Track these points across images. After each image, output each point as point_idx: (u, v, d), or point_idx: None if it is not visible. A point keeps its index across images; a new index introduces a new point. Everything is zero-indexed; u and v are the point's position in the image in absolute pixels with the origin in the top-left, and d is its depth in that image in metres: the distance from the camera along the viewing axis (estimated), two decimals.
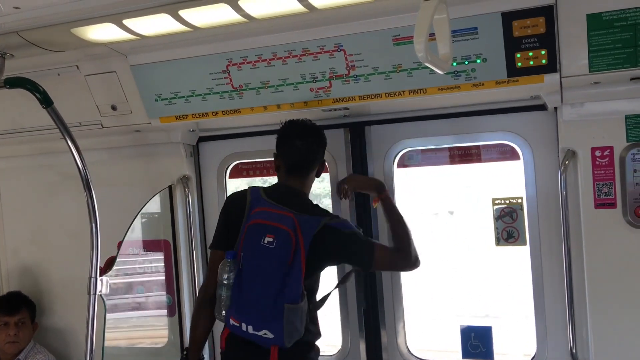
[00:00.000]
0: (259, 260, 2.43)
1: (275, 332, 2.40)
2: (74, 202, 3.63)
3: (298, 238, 2.41)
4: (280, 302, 2.39)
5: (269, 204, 2.54)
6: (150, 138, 3.52)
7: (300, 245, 2.41)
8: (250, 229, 2.47)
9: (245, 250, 2.47)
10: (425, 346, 3.70)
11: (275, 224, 2.43)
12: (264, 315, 2.41)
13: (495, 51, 2.60)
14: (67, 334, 3.86)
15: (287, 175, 2.71)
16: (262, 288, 2.41)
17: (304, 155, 2.68)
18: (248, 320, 2.44)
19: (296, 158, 2.68)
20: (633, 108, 2.65)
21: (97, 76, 3.23)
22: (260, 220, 2.47)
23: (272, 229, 2.42)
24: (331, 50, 2.80)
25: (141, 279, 3.76)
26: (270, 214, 2.48)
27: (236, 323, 2.47)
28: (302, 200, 2.64)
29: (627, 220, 2.69)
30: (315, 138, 2.73)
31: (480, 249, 8.43)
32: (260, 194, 2.59)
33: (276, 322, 2.39)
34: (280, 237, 2.41)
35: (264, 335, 2.42)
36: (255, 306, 2.42)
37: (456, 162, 3.40)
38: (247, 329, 2.44)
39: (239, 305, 2.45)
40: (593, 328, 2.78)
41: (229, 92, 3.07)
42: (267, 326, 2.41)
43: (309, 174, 2.71)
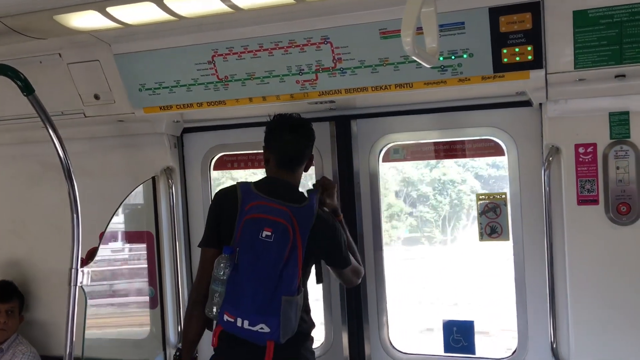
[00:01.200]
0: (257, 254, 2.42)
1: (272, 326, 2.40)
2: (55, 192, 3.59)
3: (295, 231, 2.43)
4: (278, 295, 2.40)
5: (262, 197, 2.53)
6: (133, 128, 3.48)
7: (298, 239, 2.43)
8: (247, 223, 2.46)
9: (242, 244, 2.46)
10: (408, 339, 3.71)
11: (273, 217, 2.43)
12: (262, 308, 2.41)
13: (482, 46, 2.60)
14: (49, 326, 3.82)
15: (277, 169, 2.69)
16: (260, 281, 2.41)
17: (294, 149, 2.67)
18: (244, 314, 2.43)
19: (286, 152, 2.67)
20: (617, 105, 2.68)
21: (80, 64, 3.19)
22: (258, 215, 2.46)
23: (270, 223, 2.43)
24: (318, 42, 2.78)
25: (123, 270, 3.72)
26: (266, 207, 2.47)
27: (231, 319, 2.45)
28: (293, 192, 2.63)
29: (609, 217, 2.72)
30: (305, 132, 2.72)
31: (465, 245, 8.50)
32: (251, 189, 2.58)
33: (273, 315, 2.40)
34: (279, 230, 2.41)
35: (260, 329, 2.41)
36: (253, 300, 2.41)
37: (441, 156, 3.42)
38: (242, 324, 2.43)
39: (235, 300, 2.44)
40: (573, 323, 2.81)
41: (214, 83, 3.04)
42: (263, 320, 2.41)
43: (298, 168, 2.71)
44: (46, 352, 3.73)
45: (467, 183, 7.65)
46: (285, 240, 2.41)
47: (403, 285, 8.46)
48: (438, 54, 2.11)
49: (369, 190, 3.33)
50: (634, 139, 2.67)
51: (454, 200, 8.38)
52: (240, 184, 2.63)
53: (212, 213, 2.68)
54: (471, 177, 7.49)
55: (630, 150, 2.68)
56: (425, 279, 8.95)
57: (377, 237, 3.34)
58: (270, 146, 2.72)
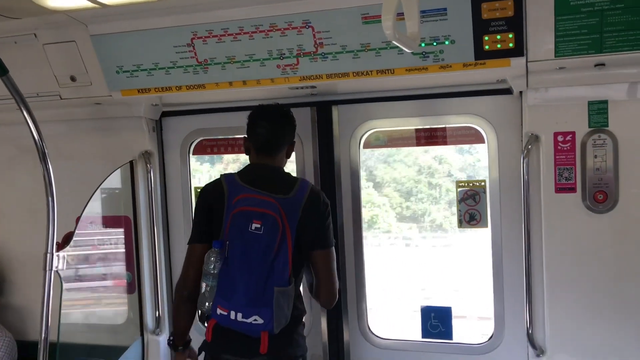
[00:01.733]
0: (247, 247, 2.42)
1: (265, 317, 2.41)
2: (30, 175, 3.54)
3: (284, 222, 2.43)
4: (270, 286, 2.41)
5: (249, 189, 2.52)
6: (111, 111, 3.43)
7: (287, 229, 2.43)
8: (235, 216, 2.46)
9: (231, 238, 2.45)
10: (389, 325, 3.73)
11: (261, 209, 2.43)
12: (254, 300, 2.41)
13: (464, 33, 2.60)
14: (24, 311, 3.78)
15: (256, 155, 2.70)
16: (252, 273, 2.41)
17: (270, 134, 2.66)
18: (237, 307, 2.43)
19: (263, 138, 2.66)
20: (596, 94, 2.70)
21: (55, 45, 3.12)
22: (246, 208, 2.46)
23: (259, 215, 2.42)
24: (299, 26, 2.75)
25: (100, 255, 3.68)
26: (254, 200, 2.47)
27: (224, 312, 2.45)
28: (278, 178, 2.62)
29: (586, 205, 2.75)
30: (281, 119, 2.71)
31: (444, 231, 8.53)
32: (236, 180, 2.57)
33: (266, 306, 2.41)
34: (268, 222, 2.41)
35: (254, 321, 2.42)
36: (245, 292, 2.42)
37: (422, 143, 3.42)
38: (235, 317, 2.43)
39: (227, 293, 2.45)
40: (549, 310, 2.84)
41: (193, 67, 3.00)
42: (257, 312, 2.41)
43: (277, 153, 2.69)
44: (22, 337, 3.69)
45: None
46: (275, 232, 2.41)
47: (384, 272, 8.54)
48: (419, 39, 2.10)
49: (349, 176, 3.32)
50: (612, 128, 2.70)
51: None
52: (225, 176, 2.62)
53: (199, 208, 2.66)
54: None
55: (608, 139, 2.70)
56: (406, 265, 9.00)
57: (357, 223, 3.34)
58: (249, 136, 2.72)
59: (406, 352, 3.31)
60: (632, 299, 2.74)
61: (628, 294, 2.74)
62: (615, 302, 2.75)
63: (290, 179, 2.63)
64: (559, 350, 2.85)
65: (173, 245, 3.68)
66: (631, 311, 2.74)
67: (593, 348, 2.80)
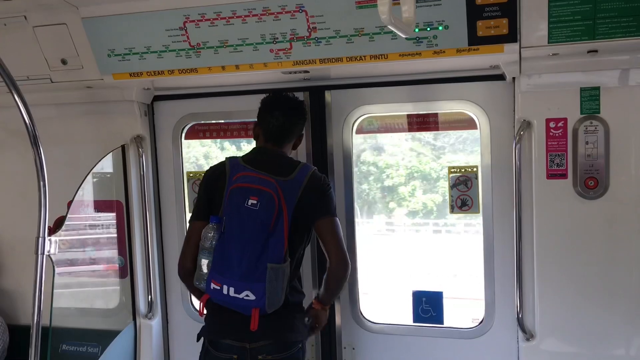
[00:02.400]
0: (242, 222, 2.44)
1: (257, 293, 2.43)
2: (21, 159, 3.51)
3: (280, 200, 2.45)
4: (263, 262, 2.43)
5: (249, 169, 2.55)
6: (102, 95, 3.40)
7: (283, 207, 2.45)
8: (233, 192, 2.48)
9: (228, 213, 2.48)
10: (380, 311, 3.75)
11: (258, 186, 2.46)
12: (247, 275, 2.43)
13: (458, 19, 2.59)
14: (16, 296, 3.77)
15: (264, 142, 2.74)
16: (246, 249, 2.43)
17: (281, 124, 2.69)
18: (230, 281, 2.45)
19: (274, 128, 2.70)
20: (588, 80, 2.71)
21: (46, 28, 3.08)
22: (243, 184, 2.49)
23: (256, 192, 2.45)
24: (292, 10, 2.74)
25: (92, 239, 3.67)
26: (253, 177, 2.50)
27: (217, 286, 2.47)
28: (281, 163, 2.64)
29: (577, 191, 2.77)
30: (295, 110, 2.75)
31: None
32: (239, 162, 2.61)
33: (259, 282, 2.42)
34: (264, 199, 2.44)
35: (245, 297, 2.43)
36: (238, 267, 2.44)
37: (414, 129, 3.42)
38: (228, 292, 2.45)
39: (221, 267, 2.47)
40: (539, 295, 2.87)
41: (185, 50, 2.98)
42: (249, 287, 2.43)
43: (284, 144, 2.73)
44: (14, 322, 3.69)
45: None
46: (271, 209, 2.43)
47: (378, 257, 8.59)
48: (414, 24, 2.10)
49: (341, 161, 3.32)
50: (603, 115, 2.71)
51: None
52: (229, 158, 2.66)
53: (202, 188, 2.70)
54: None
55: (599, 126, 2.72)
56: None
57: (349, 208, 3.35)
58: (259, 122, 2.76)
59: (397, 336, 3.34)
60: (621, 284, 2.77)
61: (617, 279, 2.77)
62: (605, 287, 2.79)
63: (292, 163, 2.65)
64: (549, 335, 2.89)
65: (165, 230, 3.67)
66: (620, 296, 2.77)
67: (582, 332, 2.84)
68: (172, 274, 3.69)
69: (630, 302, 2.77)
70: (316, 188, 2.59)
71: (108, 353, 3.43)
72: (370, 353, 3.38)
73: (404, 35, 2.08)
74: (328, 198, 2.63)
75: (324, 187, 2.63)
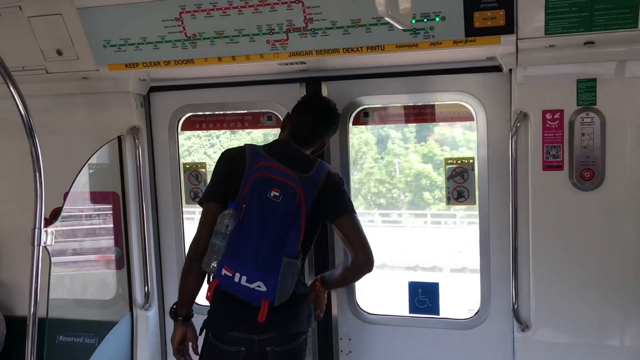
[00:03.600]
0: (263, 213, 2.43)
1: (269, 285, 2.42)
2: (16, 150, 3.47)
3: (301, 196, 2.44)
4: (280, 255, 2.42)
5: (271, 160, 2.54)
6: (98, 86, 3.39)
7: (302, 203, 2.44)
8: (257, 181, 2.46)
9: (249, 201, 2.45)
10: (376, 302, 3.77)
11: (282, 179, 2.45)
12: (262, 265, 2.42)
13: (454, 10, 2.59)
14: (12, 287, 3.77)
15: (287, 137, 2.74)
16: (264, 239, 2.42)
17: (311, 131, 2.71)
18: (244, 270, 2.43)
19: (302, 131, 2.71)
20: (585, 72, 2.71)
21: (41, 18, 3.07)
22: (267, 174, 2.47)
23: (279, 184, 2.44)
24: (289, 1, 2.72)
25: (88, 230, 3.66)
26: (275, 169, 2.49)
27: (229, 273, 2.44)
28: (300, 155, 2.64)
29: (572, 183, 2.78)
30: (330, 122, 2.76)
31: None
32: (260, 151, 2.59)
33: (272, 274, 2.41)
34: (287, 192, 2.43)
35: (257, 287, 2.42)
36: (255, 256, 2.42)
37: (411, 120, 3.42)
38: (239, 280, 2.43)
39: (236, 255, 2.44)
40: (535, 286, 2.89)
41: (181, 41, 2.97)
42: (262, 277, 2.42)
43: (307, 147, 2.73)
44: (10, 313, 3.69)
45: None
46: (292, 203, 2.42)
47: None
48: (411, 15, 2.09)
49: (338, 153, 3.32)
50: (600, 106, 2.71)
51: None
52: (249, 145, 2.64)
53: (220, 170, 2.65)
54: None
55: (595, 117, 2.72)
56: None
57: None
58: (292, 116, 2.77)
59: (393, 327, 3.36)
60: (616, 275, 2.79)
61: (612, 270, 2.79)
62: (600, 278, 2.80)
63: (309, 160, 2.64)
64: (544, 325, 2.91)
65: (161, 221, 3.67)
66: (615, 287, 2.79)
67: (578, 323, 2.86)
68: (169, 265, 3.70)
69: (625, 293, 2.79)
70: (333, 187, 2.59)
71: (105, 344, 3.43)
72: (367, 344, 3.39)
73: (401, 26, 2.08)
74: (345, 195, 2.65)
75: (340, 185, 2.64)
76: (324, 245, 3.35)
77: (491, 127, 3.03)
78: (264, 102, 3.39)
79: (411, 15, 2.08)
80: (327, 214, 2.61)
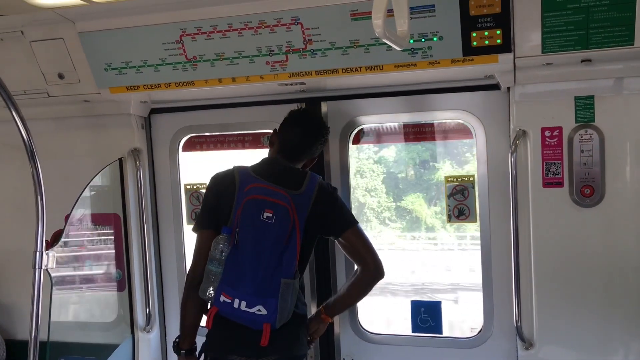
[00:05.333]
0: (257, 235, 2.40)
1: (270, 308, 2.39)
2: (18, 173, 3.50)
3: (294, 214, 2.42)
4: (277, 277, 2.40)
5: (260, 180, 2.51)
6: (99, 109, 3.41)
7: (296, 221, 2.42)
8: (247, 204, 2.44)
9: (242, 225, 2.43)
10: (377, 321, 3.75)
11: (273, 199, 2.42)
12: (261, 289, 2.39)
13: (452, 30, 2.61)
14: (13, 310, 3.75)
15: (276, 153, 2.71)
16: (261, 263, 2.40)
17: (300, 144, 2.68)
18: (242, 295, 2.40)
19: (291, 143, 2.68)
20: (582, 89, 2.72)
21: (43, 43, 3.10)
22: (258, 196, 2.44)
23: (271, 205, 2.41)
24: (288, 23, 2.75)
25: (89, 253, 3.66)
26: (266, 189, 2.46)
27: (228, 299, 2.42)
28: (290, 172, 2.61)
29: (573, 199, 2.78)
30: (318, 134, 2.72)
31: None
32: (249, 172, 2.57)
33: (272, 297, 2.39)
34: (279, 212, 2.40)
35: (257, 312, 2.40)
36: (252, 281, 2.40)
37: (410, 139, 3.43)
38: (239, 306, 2.41)
39: (233, 280, 2.41)
40: (537, 303, 2.88)
41: (182, 63, 2.99)
42: (262, 302, 2.39)
43: (296, 160, 2.71)
44: (10, 337, 3.67)
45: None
46: (286, 223, 2.40)
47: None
48: (409, 36, 2.11)
49: (339, 172, 3.33)
50: (598, 123, 2.73)
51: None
52: (238, 167, 2.62)
53: (211, 195, 2.63)
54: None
55: (594, 134, 2.74)
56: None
57: None
58: (280, 133, 2.74)
59: (396, 346, 3.34)
60: (618, 292, 2.78)
61: (615, 287, 2.78)
62: (603, 294, 2.79)
63: (300, 174, 2.61)
64: (548, 343, 2.89)
65: (163, 243, 3.67)
66: (618, 303, 2.78)
67: (581, 340, 2.84)
68: (170, 287, 3.69)
69: (629, 310, 2.78)
70: (327, 200, 2.57)
71: None
72: None
73: (399, 48, 2.10)
74: (343, 207, 2.64)
75: (333, 197, 2.61)
76: (324, 261, 3.35)
77: (490, 144, 3.04)
78: (264, 122, 3.41)
79: (408, 36, 2.10)
80: (329, 230, 2.60)
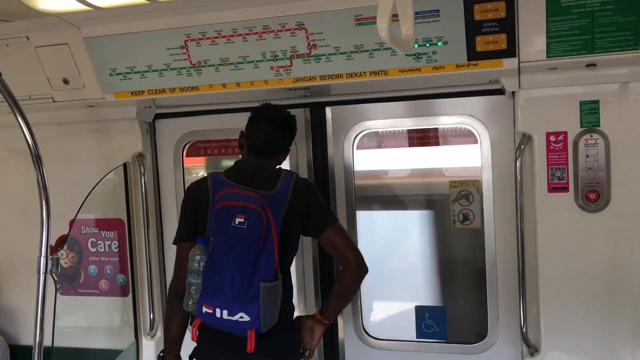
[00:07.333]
0: (231, 242, 2.36)
1: (252, 314, 2.36)
2: (23, 178, 3.52)
3: (268, 216, 2.37)
4: (256, 282, 2.35)
5: (232, 185, 2.48)
6: (104, 114, 3.42)
7: (271, 223, 2.37)
8: (219, 212, 2.40)
9: (216, 233, 2.40)
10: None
11: (244, 204, 2.37)
12: (240, 297, 2.35)
13: (456, 34, 2.61)
14: (17, 314, 3.75)
15: (247, 155, 2.69)
16: (237, 270, 2.35)
17: (266, 139, 2.65)
18: (223, 304, 2.37)
19: (258, 140, 2.65)
20: (588, 94, 2.72)
21: (48, 48, 3.11)
22: (229, 202, 2.40)
23: (242, 209, 2.36)
24: (292, 28, 2.76)
25: (94, 258, 3.66)
26: (237, 194, 2.42)
27: (209, 310, 2.39)
28: (264, 173, 2.56)
29: (578, 204, 2.77)
30: (282, 126, 2.69)
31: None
32: (222, 178, 2.53)
33: (252, 303, 2.35)
34: (251, 216, 2.35)
35: (240, 319, 2.36)
36: (231, 288, 2.36)
37: (415, 144, 3.43)
38: (221, 315, 2.38)
39: (212, 290, 2.39)
40: (543, 308, 2.86)
41: (186, 69, 3.00)
42: (243, 308, 2.35)
43: (269, 158, 2.67)
44: (15, 342, 3.68)
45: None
46: (259, 226, 2.35)
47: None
48: (413, 41, 2.11)
49: (343, 177, 3.33)
50: (603, 128, 2.72)
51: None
52: (211, 174, 2.59)
53: (186, 206, 2.62)
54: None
55: (599, 139, 2.73)
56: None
57: (351, 223, 3.34)
58: (246, 132, 2.71)
59: (401, 352, 3.32)
60: (625, 297, 2.76)
61: (621, 292, 2.76)
62: (609, 300, 2.77)
63: (274, 173, 2.56)
64: (553, 349, 2.87)
65: (167, 248, 3.67)
66: (624, 309, 2.76)
67: (587, 346, 2.82)
68: None
69: (635, 315, 2.76)
70: (305, 197, 2.52)
71: None
72: None
73: (404, 52, 2.10)
74: (322, 204, 2.59)
75: (311, 192, 2.57)
76: (326, 260, 3.34)
77: (495, 149, 3.04)
78: None
79: (413, 40, 2.10)
80: (308, 230, 2.56)
